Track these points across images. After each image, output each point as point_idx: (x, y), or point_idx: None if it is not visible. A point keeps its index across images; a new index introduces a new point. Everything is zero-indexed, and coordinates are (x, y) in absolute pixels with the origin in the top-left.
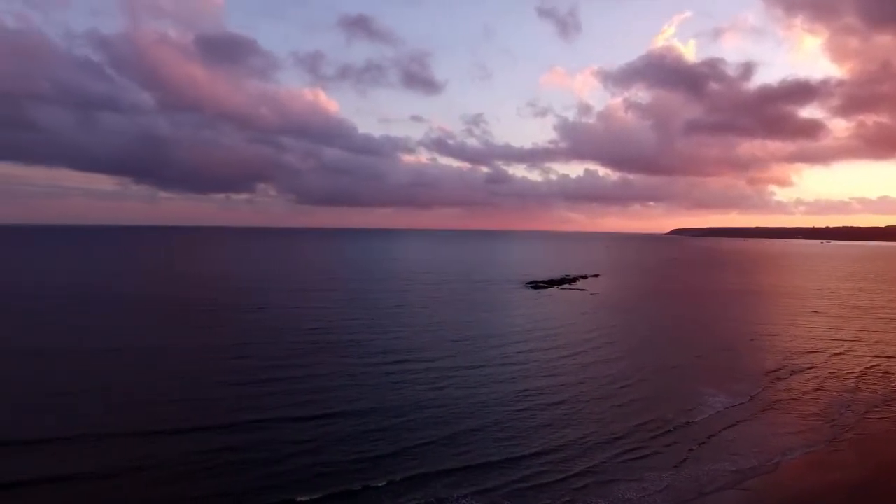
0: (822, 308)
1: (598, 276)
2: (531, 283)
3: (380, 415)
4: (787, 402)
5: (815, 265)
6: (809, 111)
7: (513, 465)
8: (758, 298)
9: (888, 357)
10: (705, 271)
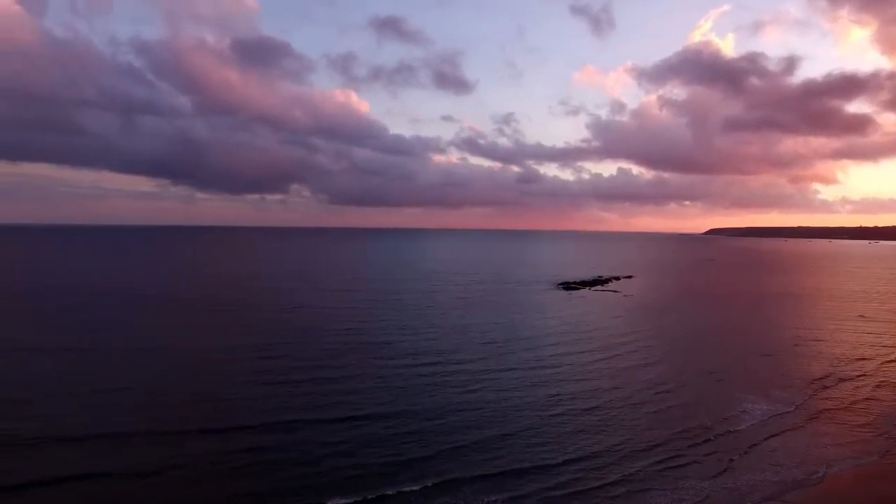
0: (870, 312)
1: (631, 277)
2: (562, 283)
3: (411, 417)
4: (834, 412)
5: (862, 266)
6: (857, 106)
7: (545, 472)
8: (800, 301)
9: None
10: (744, 272)
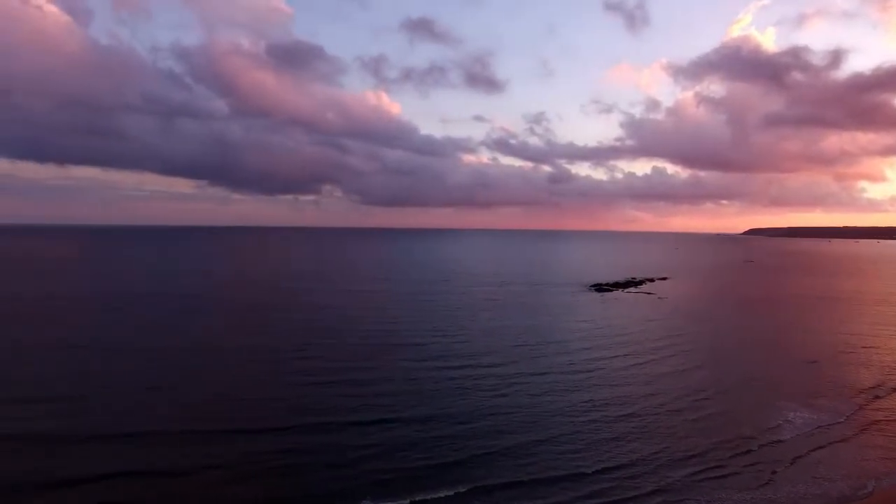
0: None
1: (666, 278)
2: (595, 285)
3: (443, 421)
4: (885, 424)
5: None
6: None
7: (579, 481)
8: (846, 306)
9: None
10: (785, 275)
